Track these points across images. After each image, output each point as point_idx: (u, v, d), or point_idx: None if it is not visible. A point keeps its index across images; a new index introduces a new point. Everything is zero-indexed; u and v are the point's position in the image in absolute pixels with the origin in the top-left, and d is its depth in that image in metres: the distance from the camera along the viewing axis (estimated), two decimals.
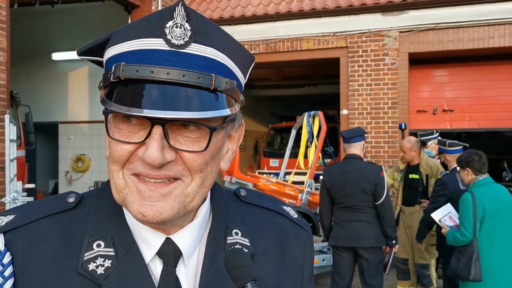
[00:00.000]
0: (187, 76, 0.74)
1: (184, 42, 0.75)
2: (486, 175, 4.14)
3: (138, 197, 0.77)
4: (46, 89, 12.01)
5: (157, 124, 0.74)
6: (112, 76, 0.75)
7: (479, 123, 9.41)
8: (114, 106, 0.74)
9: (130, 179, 0.77)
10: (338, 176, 4.80)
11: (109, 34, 0.81)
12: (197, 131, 0.77)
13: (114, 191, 0.80)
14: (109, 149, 0.79)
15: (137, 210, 0.76)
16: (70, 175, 12.18)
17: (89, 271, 0.78)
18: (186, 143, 0.76)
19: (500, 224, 4.00)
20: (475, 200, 3.95)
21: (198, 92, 0.75)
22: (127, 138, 0.76)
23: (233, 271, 0.75)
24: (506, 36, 8.51)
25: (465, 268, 3.94)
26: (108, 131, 0.77)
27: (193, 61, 0.75)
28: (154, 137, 0.74)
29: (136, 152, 0.76)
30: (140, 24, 0.77)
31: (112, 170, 0.79)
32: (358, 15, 9.22)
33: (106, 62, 0.80)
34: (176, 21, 0.75)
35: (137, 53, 0.75)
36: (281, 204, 1.01)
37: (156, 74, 0.73)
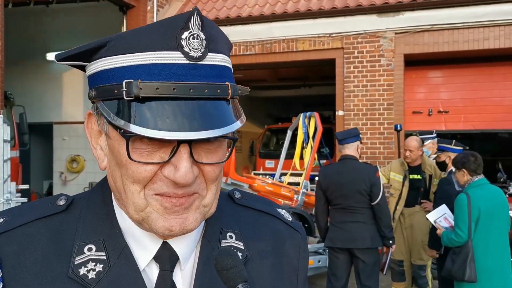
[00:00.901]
0: (208, 90, 0.72)
1: (201, 53, 0.72)
2: (481, 176, 4.16)
3: (163, 214, 0.75)
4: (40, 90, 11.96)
5: (184, 142, 0.71)
6: (126, 94, 0.71)
7: (474, 124, 9.44)
8: (138, 129, 0.69)
9: (153, 199, 0.75)
10: (333, 177, 4.80)
11: (103, 41, 0.75)
12: (215, 142, 0.76)
13: (132, 211, 0.76)
14: (126, 169, 0.74)
15: (163, 226, 0.75)
16: (65, 176, 12.14)
17: (80, 276, 0.77)
18: (206, 156, 0.75)
19: (495, 225, 4.02)
20: (470, 201, 3.96)
21: (218, 104, 0.74)
22: (148, 158, 0.73)
23: (223, 273, 0.74)
24: (501, 37, 8.55)
25: (460, 269, 3.95)
26: (129, 154, 0.72)
27: (210, 72, 0.73)
28: (184, 157, 0.72)
29: (159, 172, 0.73)
30: (149, 33, 0.72)
31: (131, 191, 0.75)
32: (353, 16, 9.23)
33: (103, 72, 0.75)
34: (192, 31, 0.72)
35: (152, 68, 0.71)
36: (276, 206, 1.00)
37: (179, 91, 0.70)
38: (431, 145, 6.30)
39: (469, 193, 4.03)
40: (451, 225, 4.37)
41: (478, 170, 4.13)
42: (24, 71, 11.92)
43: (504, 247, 4.08)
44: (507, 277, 4.05)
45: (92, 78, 0.78)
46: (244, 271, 0.74)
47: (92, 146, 0.83)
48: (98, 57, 0.76)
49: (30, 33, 11.86)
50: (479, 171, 4.13)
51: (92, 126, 0.83)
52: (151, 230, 0.77)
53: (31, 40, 11.89)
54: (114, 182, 0.79)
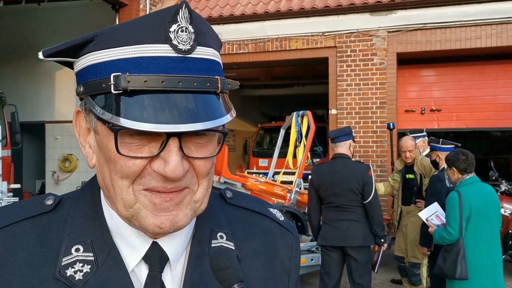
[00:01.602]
0: (197, 83, 0.72)
1: (190, 46, 0.72)
2: (473, 174, 4.17)
3: (153, 210, 0.74)
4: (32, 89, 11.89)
5: (173, 135, 0.71)
6: (114, 87, 0.70)
7: (466, 123, 9.49)
8: (127, 122, 0.68)
9: (142, 194, 0.74)
10: (326, 175, 4.80)
11: (91, 36, 0.74)
12: (205, 136, 0.75)
13: (121, 207, 0.75)
14: (114, 164, 0.73)
15: (153, 223, 0.74)
16: (57, 175, 12.08)
17: (67, 277, 0.76)
18: (197, 150, 0.74)
19: (486, 223, 4.04)
20: (461, 199, 3.97)
21: (207, 97, 0.73)
22: (137, 152, 0.72)
23: (219, 272, 0.73)
24: (493, 36, 8.59)
25: (451, 266, 3.97)
26: (118, 148, 0.70)
27: (199, 65, 0.73)
28: (173, 151, 0.71)
29: (148, 166, 0.72)
30: (136, 27, 0.72)
31: (120, 186, 0.74)
32: (346, 15, 9.24)
33: (90, 67, 0.74)
34: (180, 24, 0.71)
35: (140, 61, 0.70)
36: (268, 206, 0.99)
37: (168, 84, 0.70)
38: (422, 143, 6.37)
39: (460, 191, 4.04)
40: (442, 222, 4.38)
41: (469, 168, 4.14)
42: (16, 70, 11.84)
43: (495, 244, 4.10)
44: (498, 275, 4.07)
45: (79, 74, 0.77)
46: (240, 271, 0.73)
47: (81, 144, 0.82)
48: (86, 52, 0.75)
49: (22, 31, 11.78)
50: (469, 169, 4.14)
51: (80, 124, 0.82)
52: (140, 228, 0.76)
53: (23, 38, 11.81)
54: (103, 179, 0.78)
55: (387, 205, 8.43)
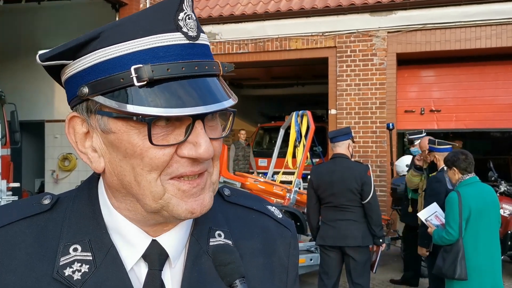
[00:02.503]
0: (208, 67, 0.75)
1: (196, 33, 0.75)
2: (473, 175, 4.16)
3: (182, 197, 0.75)
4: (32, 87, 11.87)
5: (198, 119, 0.73)
6: (137, 79, 0.70)
7: (465, 123, 9.49)
8: (158, 110, 0.69)
9: (169, 184, 0.74)
10: (325, 175, 4.80)
11: (95, 33, 0.73)
12: (215, 119, 0.78)
13: (150, 201, 0.74)
14: (141, 159, 0.72)
15: (186, 210, 0.75)
16: (57, 174, 12.07)
17: (65, 277, 0.75)
18: (211, 132, 0.76)
19: (485, 223, 4.04)
20: (461, 200, 3.97)
21: (215, 80, 0.77)
22: (164, 141, 0.72)
23: (221, 268, 0.73)
24: (493, 37, 8.60)
25: (451, 267, 3.97)
26: (151, 139, 0.70)
27: (204, 51, 0.76)
28: (201, 132, 0.73)
29: (175, 154, 0.73)
30: (144, 19, 0.72)
31: (148, 180, 0.73)
32: (346, 15, 9.24)
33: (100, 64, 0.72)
34: (187, 12, 0.73)
35: (157, 51, 0.71)
36: (266, 203, 0.99)
37: (187, 69, 0.72)
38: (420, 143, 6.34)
39: (460, 192, 4.03)
40: (442, 223, 4.38)
41: (469, 168, 4.13)
42: (15, 69, 11.83)
43: (495, 245, 4.10)
44: (497, 275, 4.07)
45: (80, 75, 0.75)
46: (242, 267, 0.73)
47: (79, 151, 0.80)
48: (90, 51, 0.73)
49: (21, 30, 11.77)
50: (469, 169, 4.13)
51: (75, 130, 0.79)
52: (171, 217, 0.76)
53: (23, 37, 11.80)
54: (120, 178, 0.76)
55: (386, 205, 8.44)
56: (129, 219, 0.79)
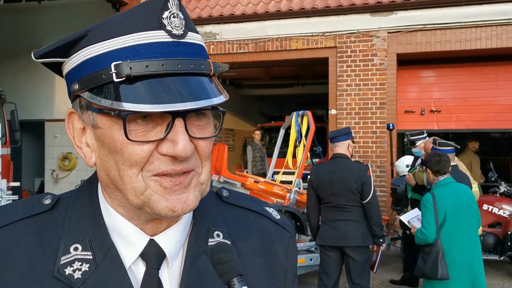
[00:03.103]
0: (194, 66, 0.74)
1: (182, 31, 0.75)
2: (447, 176, 4.30)
3: (163, 194, 0.75)
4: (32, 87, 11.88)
5: (179, 117, 0.72)
6: (116, 75, 0.71)
7: (465, 123, 9.49)
8: (133, 106, 0.70)
9: (152, 180, 0.74)
10: (325, 175, 4.80)
11: (84, 31, 0.75)
12: (204, 118, 0.77)
13: (131, 196, 0.75)
14: (121, 154, 0.73)
15: (166, 207, 0.75)
16: (57, 173, 12.08)
17: (66, 276, 0.76)
18: (198, 132, 0.76)
19: (461, 223, 4.13)
20: (435, 201, 4.11)
21: (203, 79, 0.76)
22: (143, 137, 0.73)
23: (219, 266, 0.73)
24: (493, 37, 8.60)
25: (433, 268, 4.07)
26: (127, 134, 0.71)
27: (191, 49, 0.75)
28: (180, 130, 0.72)
29: (155, 151, 0.74)
30: (129, 17, 0.74)
31: (129, 175, 0.74)
32: (347, 15, 9.24)
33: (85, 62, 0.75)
34: (172, 11, 0.74)
35: (138, 48, 0.72)
36: (264, 205, 1.00)
37: (168, 67, 0.72)
38: (423, 145, 6.34)
39: (434, 193, 4.19)
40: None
41: (442, 170, 4.27)
42: (15, 68, 11.83)
43: (473, 243, 4.18)
44: (478, 273, 4.15)
45: (72, 73, 0.77)
46: (240, 265, 0.74)
47: (76, 146, 0.82)
48: (79, 49, 0.75)
49: (22, 29, 11.78)
50: (442, 171, 4.28)
51: (74, 125, 0.82)
52: (153, 213, 0.76)
53: (23, 36, 11.81)
54: (107, 173, 0.78)
55: (386, 205, 8.44)
56: (124, 217, 0.80)
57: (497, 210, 7.15)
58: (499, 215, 7.13)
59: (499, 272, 7.34)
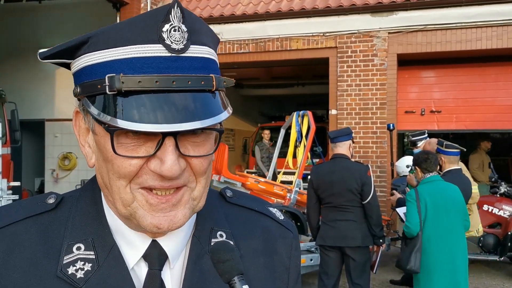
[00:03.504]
0: (192, 82, 0.72)
1: (183, 45, 0.72)
2: (434, 173, 4.44)
3: (149, 211, 0.74)
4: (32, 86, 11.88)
5: (169, 135, 0.71)
6: (109, 88, 0.70)
7: (466, 124, 9.49)
8: (123, 123, 0.69)
9: (139, 193, 0.74)
10: (325, 175, 4.80)
11: (85, 37, 0.74)
12: (202, 135, 0.75)
13: (119, 205, 0.76)
14: (112, 164, 0.73)
15: (151, 224, 0.74)
16: (57, 173, 12.07)
17: (69, 275, 0.76)
18: (193, 149, 0.75)
19: (444, 219, 4.21)
20: (418, 196, 4.25)
21: (202, 95, 0.73)
22: (133, 152, 0.72)
23: (219, 265, 0.73)
24: (493, 38, 8.60)
25: (406, 258, 4.18)
26: (114, 148, 0.71)
27: (193, 64, 0.73)
28: (169, 150, 0.71)
29: (145, 166, 0.73)
30: (128, 28, 0.72)
31: (117, 186, 0.74)
32: (347, 15, 9.24)
33: (86, 68, 0.74)
34: (173, 24, 0.71)
35: (134, 61, 0.70)
36: (267, 205, 1.00)
37: (161, 84, 0.70)
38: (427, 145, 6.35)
39: (418, 189, 4.34)
40: None
41: (430, 168, 4.42)
42: (16, 68, 11.83)
43: (456, 241, 4.22)
44: (459, 271, 4.17)
45: (76, 75, 0.77)
46: (240, 264, 0.73)
47: (81, 144, 0.83)
48: (81, 54, 0.75)
49: (22, 29, 11.77)
50: (430, 169, 4.42)
51: (79, 124, 0.82)
52: (139, 227, 0.76)
53: (23, 36, 11.80)
54: (101, 178, 0.79)
55: (386, 206, 8.44)
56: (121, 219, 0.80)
57: (497, 210, 7.15)
58: (499, 215, 7.14)
59: (499, 272, 7.34)
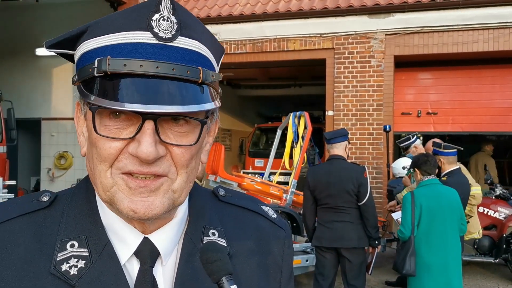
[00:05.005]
0: (176, 70, 0.73)
1: (171, 35, 0.74)
2: (432, 177, 4.38)
3: (128, 194, 0.75)
4: (29, 85, 11.85)
5: (149, 119, 0.73)
6: (96, 70, 0.73)
7: (462, 126, 9.52)
8: (104, 101, 0.71)
9: (119, 177, 0.75)
10: (321, 176, 4.81)
11: (85, 27, 0.78)
12: (185, 125, 0.76)
13: (100, 190, 0.77)
14: (95, 148, 0.75)
15: (128, 207, 0.75)
16: (53, 172, 12.05)
17: (62, 272, 0.77)
18: (175, 138, 0.76)
19: (439, 223, 4.19)
20: (413, 199, 4.21)
21: (186, 85, 0.75)
22: (115, 134, 0.74)
23: (208, 265, 0.74)
24: (490, 40, 8.63)
25: (402, 262, 4.16)
26: (95, 128, 0.74)
27: (180, 54, 0.75)
28: (147, 132, 0.72)
29: (125, 149, 0.74)
30: (122, 16, 0.75)
31: (99, 170, 0.76)
32: (344, 17, 9.26)
33: (83, 55, 0.77)
34: (162, 14, 0.74)
35: (123, 47, 0.73)
36: (260, 204, 1.00)
37: (146, 68, 0.72)
38: (414, 150, 6.43)
39: (414, 192, 4.29)
40: None
41: (429, 170, 4.37)
42: (12, 66, 11.81)
43: (450, 245, 4.21)
44: (452, 275, 4.17)
45: (76, 65, 0.81)
46: (229, 264, 0.74)
47: (78, 135, 0.85)
48: (81, 42, 0.78)
49: (19, 28, 11.75)
50: (430, 171, 4.37)
51: (78, 115, 0.85)
52: (118, 212, 0.78)
53: (20, 35, 11.78)
54: (89, 164, 0.80)
55: (382, 207, 8.45)
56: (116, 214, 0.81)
57: (492, 212, 7.18)
58: (494, 217, 7.16)
59: (494, 274, 7.37)
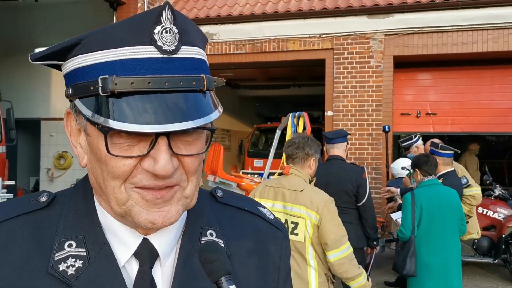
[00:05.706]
0: (183, 83, 0.73)
1: (174, 47, 0.73)
2: (433, 177, 4.38)
3: (145, 207, 0.76)
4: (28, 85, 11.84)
5: (162, 135, 0.72)
6: (102, 90, 0.71)
7: (461, 126, 9.53)
8: (115, 124, 0.70)
9: (134, 191, 0.75)
10: (320, 177, 4.80)
11: (77, 39, 0.75)
12: (194, 134, 0.77)
13: (114, 205, 0.76)
14: (106, 165, 0.74)
15: (146, 219, 0.75)
16: (52, 172, 12.04)
17: (60, 272, 0.77)
18: (185, 147, 0.76)
19: (439, 223, 4.19)
20: (414, 200, 4.21)
21: (194, 95, 0.75)
22: (127, 152, 0.73)
23: (207, 265, 0.74)
24: (489, 41, 8.63)
25: (402, 262, 4.16)
26: (108, 149, 0.72)
27: (184, 65, 0.74)
28: (162, 149, 0.72)
29: (139, 165, 0.74)
30: (120, 29, 0.73)
31: (112, 186, 0.75)
32: (344, 17, 9.26)
33: (78, 69, 0.75)
34: (164, 25, 0.73)
35: (126, 63, 0.72)
36: (257, 205, 1.00)
37: (154, 85, 0.71)
38: (416, 150, 6.42)
39: (415, 193, 4.28)
40: None
41: (430, 171, 4.36)
42: (12, 66, 11.79)
43: (450, 246, 4.21)
44: (451, 276, 4.17)
45: (68, 77, 0.78)
46: (228, 264, 0.74)
47: (72, 145, 0.84)
48: (73, 55, 0.76)
49: (18, 28, 11.74)
50: (430, 171, 4.37)
51: (71, 125, 0.83)
52: (134, 223, 0.77)
53: (19, 35, 11.77)
54: (95, 178, 0.79)
55: (381, 208, 8.45)
56: (115, 217, 0.81)
57: (491, 213, 7.19)
58: (493, 218, 7.17)
59: (493, 275, 7.37)
